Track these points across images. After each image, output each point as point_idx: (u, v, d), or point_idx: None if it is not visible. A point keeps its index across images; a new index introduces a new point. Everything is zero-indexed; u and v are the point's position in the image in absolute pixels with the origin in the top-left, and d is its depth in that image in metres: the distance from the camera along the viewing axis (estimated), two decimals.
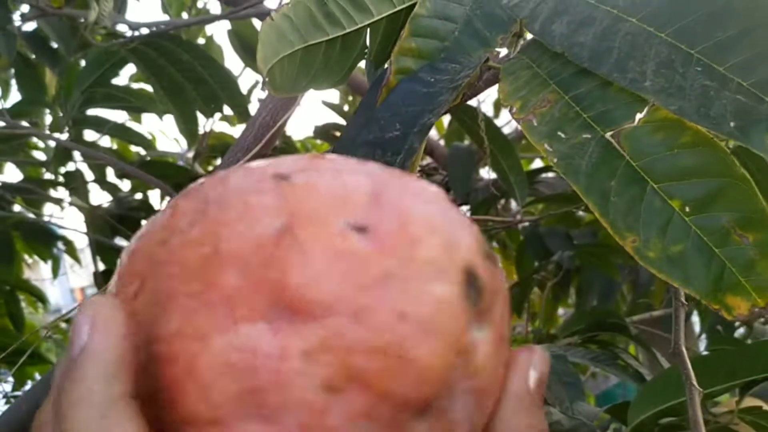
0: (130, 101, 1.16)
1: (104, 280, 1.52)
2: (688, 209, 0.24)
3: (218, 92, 1.00)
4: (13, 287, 1.53)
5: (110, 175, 1.52)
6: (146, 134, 1.39)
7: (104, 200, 1.51)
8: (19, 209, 1.47)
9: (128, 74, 1.61)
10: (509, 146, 0.93)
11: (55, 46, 1.18)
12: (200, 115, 1.13)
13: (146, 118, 1.79)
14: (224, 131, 1.82)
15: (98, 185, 1.49)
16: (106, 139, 1.64)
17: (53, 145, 1.41)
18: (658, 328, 1.40)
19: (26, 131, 0.96)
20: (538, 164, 1.96)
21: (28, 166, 1.58)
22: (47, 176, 1.47)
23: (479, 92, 0.50)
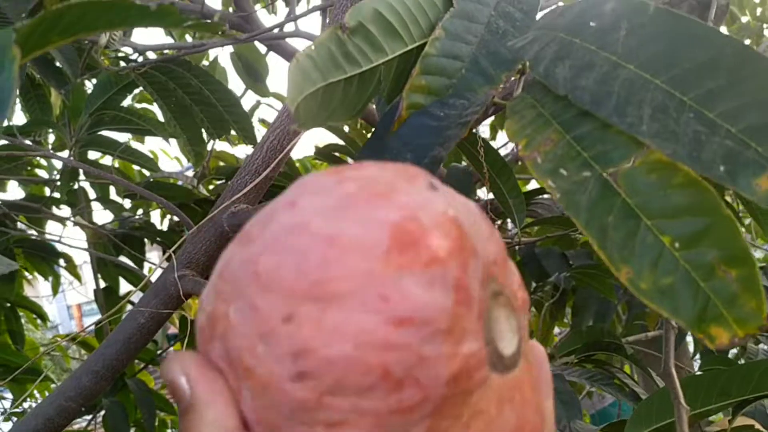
0: (137, 123, 1.18)
1: (105, 297, 1.53)
2: (677, 245, 0.26)
3: (225, 116, 1.03)
4: (13, 304, 1.54)
5: (113, 193, 1.54)
6: (148, 153, 1.41)
7: (107, 219, 1.53)
8: (21, 228, 1.49)
9: (131, 95, 1.63)
10: (507, 169, 0.96)
11: (60, 67, 1.20)
12: (204, 136, 1.15)
13: (148, 138, 1.81)
14: (225, 150, 1.84)
15: (101, 204, 1.51)
16: (107, 158, 1.66)
17: (58, 164, 1.43)
18: (653, 348, 1.42)
19: (37, 152, 0.98)
20: (533, 185, 1.98)
21: (30, 184, 1.60)
22: (51, 195, 1.49)
23: (480, 122, 0.53)
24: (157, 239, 1.42)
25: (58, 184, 1.31)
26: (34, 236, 1.48)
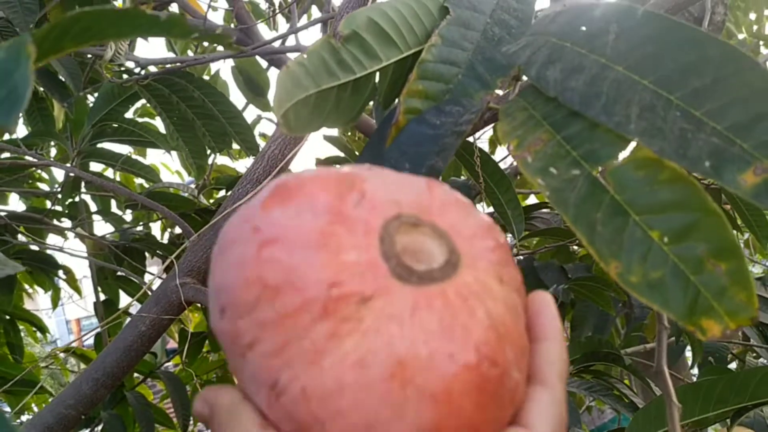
0: (139, 135, 1.19)
1: (104, 309, 1.53)
2: (666, 239, 0.27)
3: (227, 128, 1.04)
4: (12, 316, 1.54)
5: (113, 206, 1.55)
6: (150, 167, 1.41)
7: (107, 233, 1.53)
8: (22, 239, 1.49)
9: (134, 108, 1.65)
10: (506, 180, 0.96)
11: (63, 80, 1.21)
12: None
13: (150, 150, 1.82)
14: (225, 164, 1.85)
15: (102, 216, 1.51)
16: (109, 172, 1.67)
17: (59, 177, 1.44)
18: (651, 360, 1.42)
19: (40, 162, 0.99)
20: (532, 200, 1.99)
21: (32, 197, 1.61)
22: (52, 207, 1.49)
23: (478, 130, 0.53)
24: (157, 252, 1.43)
25: (59, 196, 1.32)
26: (34, 246, 1.48)
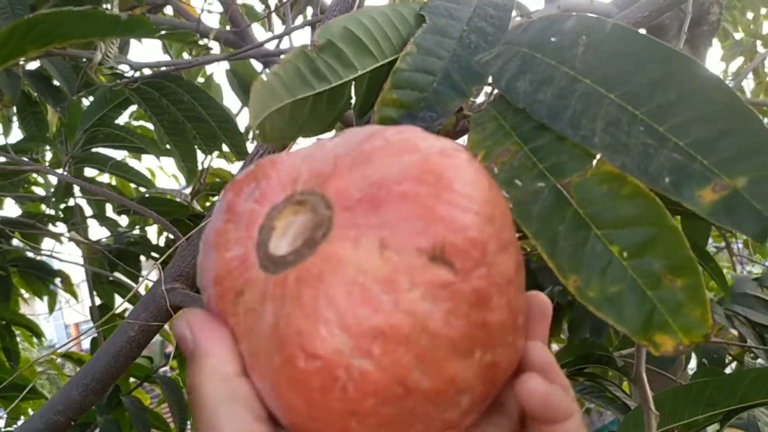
0: (131, 141, 1.19)
1: (100, 313, 1.53)
2: (625, 254, 0.27)
3: (217, 131, 1.04)
4: (9, 322, 1.54)
5: (109, 210, 1.55)
6: (145, 171, 1.42)
7: (102, 236, 1.53)
8: (16, 243, 1.49)
9: (129, 112, 1.65)
10: None
11: (57, 84, 1.21)
12: (199, 153, 1.16)
13: (145, 155, 1.82)
14: (222, 167, 1.85)
15: (97, 221, 1.51)
16: (104, 177, 1.67)
17: (54, 181, 1.44)
18: (648, 362, 1.42)
19: (32, 167, 0.99)
20: None
21: (27, 201, 1.61)
22: (46, 212, 1.49)
23: (460, 136, 0.53)
24: (152, 255, 1.43)
25: (53, 200, 1.32)
26: (29, 252, 1.48)
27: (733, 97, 0.27)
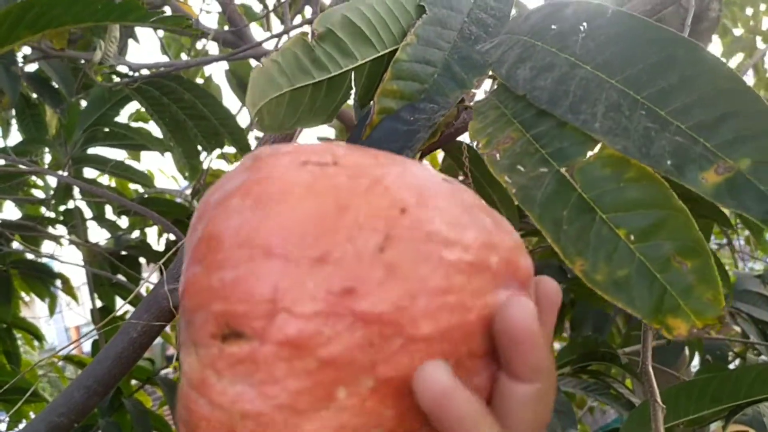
0: (131, 139, 1.19)
1: (101, 316, 1.53)
2: (633, 238, 0.27)
3: (219, 128, 1.04)
4: (9, 325, 1.53)
5: (108, 212, 1.54)
6: (145, 172, 1.41)
7: (102, 238, 1.53)
8: (16, 246, 1.49)
9: (127, 114, 1.65)
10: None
11: (56, 86, 1.21)
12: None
13: (144, 157, 1.82)
14: (221, 168, 1.85)
15: (97, 223, 1.51)
16: (103, 179, 1.67)
17: (53, 183, 1.44)
18: (652, 359, 1.41)
19: (30, 170, 0.99)
20: None
21: (26, 204, 1.61)
22: (46, 214, 1.49)
23: (463, 132, 0.53)
24: (153, 258, 1.42)
25: (53, 203, 1.32)
26: (29, 254, 1.48)
27: (735, 79, 0.27)
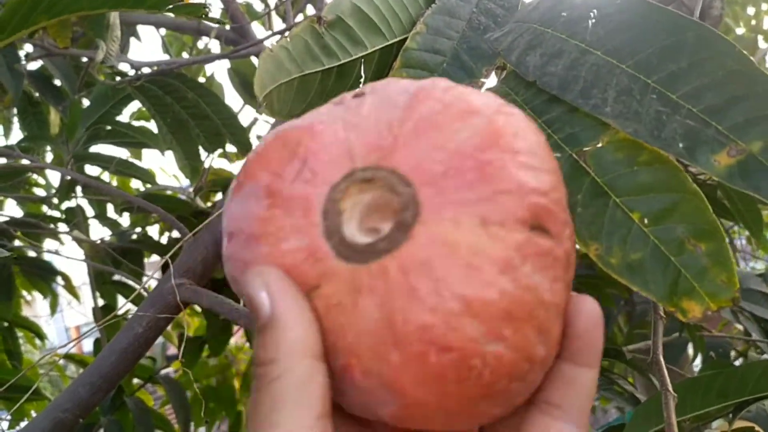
0: (133, 137, 1.19)
1: (103, 315, 1.53)
2: (646, 221, 0.27)
3: (221, 129, 1.04)
4: (11, 323, 1.53)
5: (110, 210, 1.54)
6: (147, 170, 1.41)
7: (104, 235, 1.53)
8: (18, 244, 1.49)
9: (129, 112, 1.65)
10: None
11: (58, 84, 1.21)
12: (201, 151, 1.16)
13: (146, 155, 1.82)
14: (223, 167, 1.85)
15: (99, 221, 1.51)
16: (105, 174, 1.67)
17: (55, 182, 1.44)
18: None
19: (34, 165, 0.99)
20: None
21: (28, 202, 1.61)
22: (48, 212, 1.49)
23: None
24: (155, 252, 1.42)
25: (54, 201, 1.32)
26: (32, 250, 1.48)
27: (745, 61, 0.27)
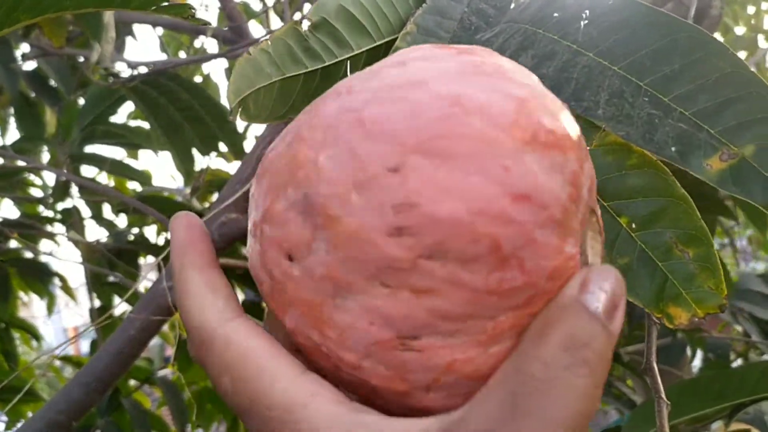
0: (128, 138, 1.18)
1: (99, 315, 1.52)
2: (634, 225, 0.26)
3: (215, 131, 1.03)
4: (7, 324, 1.53)
5: (107, 211, 1.54)
6: (142, 171, 1.41)
7: (101, 236, 1.52)
8: (14, 246, 1.48)
9: (125, 113, 1.64)
10: None
11: (54, 84, 1.21)
12: (196, 152, 1.15)
13: (142, 155, 1.81)
14: (220, 168, 1.85)
15: (95, 221, 1.51)
16: (102, 175, 1.67)
17: (51, 183, 1.43)
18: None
19: (29, 165, 0.99)
20: None
21: (24, 203, 1.61)
22: (44, 213, 1.49)
23: None
24: (151, 253, 1.42)
25: (50, 201, 1.32)
26: (28, 251, 1.48)
27: (738, 64, 0.27)
